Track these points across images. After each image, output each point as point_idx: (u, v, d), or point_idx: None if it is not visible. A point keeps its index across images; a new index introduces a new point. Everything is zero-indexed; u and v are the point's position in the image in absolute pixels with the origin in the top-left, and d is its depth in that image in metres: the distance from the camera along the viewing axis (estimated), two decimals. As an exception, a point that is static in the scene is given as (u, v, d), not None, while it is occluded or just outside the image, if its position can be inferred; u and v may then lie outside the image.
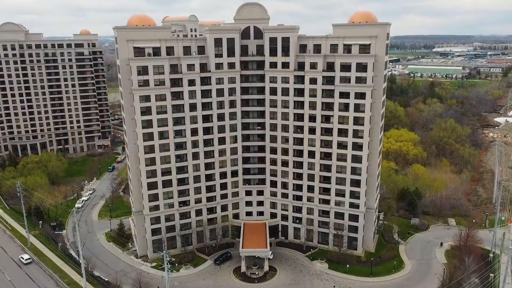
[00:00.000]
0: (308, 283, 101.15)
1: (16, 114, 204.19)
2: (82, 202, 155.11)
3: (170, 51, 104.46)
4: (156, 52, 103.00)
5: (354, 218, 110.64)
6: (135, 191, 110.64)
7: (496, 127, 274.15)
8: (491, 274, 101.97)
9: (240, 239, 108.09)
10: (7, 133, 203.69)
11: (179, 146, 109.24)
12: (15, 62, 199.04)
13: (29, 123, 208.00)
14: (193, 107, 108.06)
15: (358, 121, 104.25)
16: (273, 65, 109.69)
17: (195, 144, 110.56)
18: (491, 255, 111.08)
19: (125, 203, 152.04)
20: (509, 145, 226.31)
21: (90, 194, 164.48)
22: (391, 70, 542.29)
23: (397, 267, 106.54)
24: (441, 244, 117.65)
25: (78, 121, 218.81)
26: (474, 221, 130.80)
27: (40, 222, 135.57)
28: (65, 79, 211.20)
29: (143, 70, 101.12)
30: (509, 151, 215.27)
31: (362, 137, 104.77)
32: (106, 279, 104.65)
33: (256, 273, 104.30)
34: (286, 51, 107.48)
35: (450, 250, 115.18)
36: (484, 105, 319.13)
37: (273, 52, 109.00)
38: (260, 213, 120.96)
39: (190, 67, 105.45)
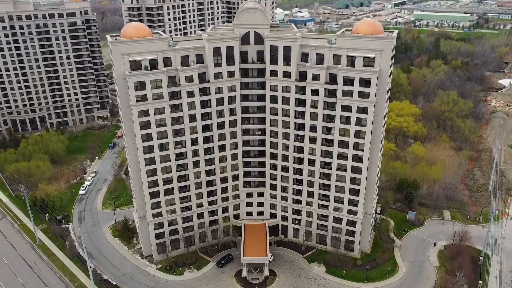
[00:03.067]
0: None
1: (12, 89, 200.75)
2: (85, 188, 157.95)
3: (167, 62, 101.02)
4: (153, 64, 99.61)
5: (351, 223, 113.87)
6: (138, 199, 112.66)
7: (500, 91, 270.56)
8: (479, 281, 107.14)
9: (241, 245, 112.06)
10: (4, 108, 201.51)
11: (180, 155, 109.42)
12: (6, 35, 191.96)
13: (26, 97, 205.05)
14: (192, 118, 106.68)
15: (359, 134, 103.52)
16: (274, 73, 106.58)
17: (195, 153, 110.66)
18: (481, 257, 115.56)
19: (128, 188, 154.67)
20: (511, 116, 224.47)
21: (93, 177, 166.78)
22: (396, 17, 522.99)
23: (391, 272, 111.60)
24: (435, 244, 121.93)
25: (75, 93, 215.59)
26: (468, 217, 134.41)
27: (46, 215, 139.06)
28: (59, 51, 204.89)
29: (140, 85, 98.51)
30: (510, 124, 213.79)
31: (362, 150, 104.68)
32: (114, 283, 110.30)
33: (257, 278, 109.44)
34: (287, 61, 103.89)
35: (443, 250, 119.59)
36: (489, 64, 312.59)
37: (273, 61, 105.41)
38: (261, 213, 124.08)
39: (189, 78, 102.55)
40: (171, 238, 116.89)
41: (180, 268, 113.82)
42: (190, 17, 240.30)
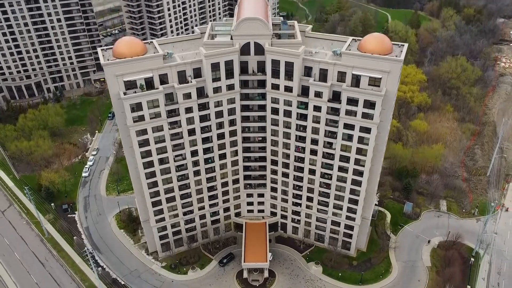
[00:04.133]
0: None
1: (3, 55, 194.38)
2: (88, 169, 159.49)
3: (163, 78, 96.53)
4: (149, 81, 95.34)
5: (349, 227, 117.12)
6: (140, 205, 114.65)
7: (511, 44, 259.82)
8: (468, 286, 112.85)
9: (242, 249, 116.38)
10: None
11: (180, 166, 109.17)
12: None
13: (19, 63, 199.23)
14: (191, 132, 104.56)
15: (361, 151, 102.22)
16: (275, 86, 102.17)
17: (196, 163, 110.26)
18: (472, 258, 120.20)
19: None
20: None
21: (94, 155, 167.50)
22: None
23: (385, 273, 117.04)
24: (429, 241, 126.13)
25: (70, 57, 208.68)
26: (464, 210, 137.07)
27: (52, 204, 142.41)
28: (49, 14, 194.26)
29: (136, 107, 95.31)
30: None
31: (363, 166, 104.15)
32: (122, 283, 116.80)
33: (258, 279, 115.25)
34: (289, 75, 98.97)
35: (437, 248, 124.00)
36: (505, 9, 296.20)
37: (275, 74, 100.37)
38: (261, 211, 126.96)
39: (186, 95, 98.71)
40: (175, 238, 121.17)
41: (184, 268, 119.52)
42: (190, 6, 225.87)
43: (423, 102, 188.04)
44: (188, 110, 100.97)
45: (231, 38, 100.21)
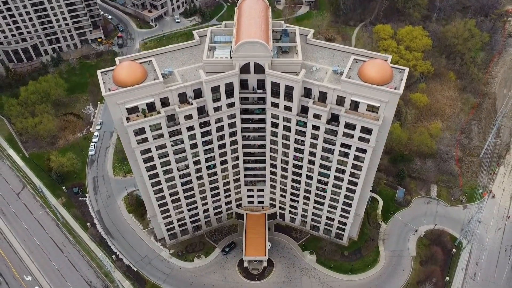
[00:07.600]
0: (298, 280, 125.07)
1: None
2: (94, 147, 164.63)
3: (164, 101, 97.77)
4: (150, 105, 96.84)
5: (342, 223, 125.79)
6: (148, 204, 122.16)
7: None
8: (446, 278, 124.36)
9: (243, 243, 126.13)
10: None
11: (184, 175, 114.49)
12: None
13: (13, 26, 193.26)
14: (193, 146, 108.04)
15: (356, 167, 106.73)
16: (275, 105, 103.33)
17: (198, 170, 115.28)
18: (454, 250, 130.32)
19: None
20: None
21: (98, 130, 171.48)
22: None
23: (373, 262, 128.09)
24: (416, 230, 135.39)
25: (64, 18, 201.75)
26: (452, 198, 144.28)
27: (64, 187, 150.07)
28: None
29: (139, 131, 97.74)
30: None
31: (358, 178, 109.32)
32: (135, 269, 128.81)
33: (257, 268, 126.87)
34: (289, 97, 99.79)
35: (423, 238, 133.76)
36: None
37: (275, 94, 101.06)
38: (261, 202, 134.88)
39: (188, 117, 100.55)
40: (180, 229, 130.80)
41: (190, 256, 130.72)
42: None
43: (425, 71, 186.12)
44: (190, 128, 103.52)
45: (231, 50, 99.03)
